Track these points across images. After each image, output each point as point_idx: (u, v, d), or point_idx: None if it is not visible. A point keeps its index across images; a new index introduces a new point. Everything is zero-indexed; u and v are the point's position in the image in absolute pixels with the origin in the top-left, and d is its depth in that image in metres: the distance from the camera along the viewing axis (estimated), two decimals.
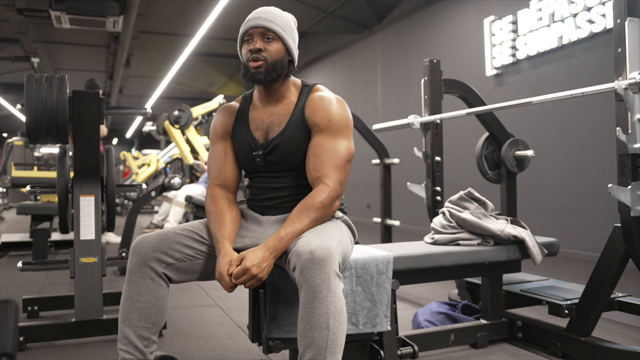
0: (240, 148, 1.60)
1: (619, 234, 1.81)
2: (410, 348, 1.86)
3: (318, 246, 1.29)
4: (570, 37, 4.67)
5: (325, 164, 1.46)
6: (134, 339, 1.39)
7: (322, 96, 1.53)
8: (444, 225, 2.15)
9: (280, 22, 1.51)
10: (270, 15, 1.51)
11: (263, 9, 1.53)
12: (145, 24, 7.89)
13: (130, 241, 3.97)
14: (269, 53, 1.49)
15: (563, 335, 1.99)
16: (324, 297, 1.25)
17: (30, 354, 2.12)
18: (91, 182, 2.24)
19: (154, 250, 1.43)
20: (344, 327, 1.28)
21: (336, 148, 1.47)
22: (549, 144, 4.87)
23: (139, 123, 17.12)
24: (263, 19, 1.49)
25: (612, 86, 1.73)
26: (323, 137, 1.48)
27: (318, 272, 1.26)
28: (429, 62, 2.54)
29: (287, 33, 1.52)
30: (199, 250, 1.49)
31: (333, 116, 1.50)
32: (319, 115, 1.50)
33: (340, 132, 1.50)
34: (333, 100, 1.53)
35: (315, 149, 1.48)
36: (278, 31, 1.50)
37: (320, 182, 1.45)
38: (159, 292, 1.43)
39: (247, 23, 1.52)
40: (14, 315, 0.68)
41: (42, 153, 11.06)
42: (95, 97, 2.24)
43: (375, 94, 8.20)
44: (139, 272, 1.42)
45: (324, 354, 1.24)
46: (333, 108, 1.51)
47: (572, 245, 4.45)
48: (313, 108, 1.52)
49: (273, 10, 1.54)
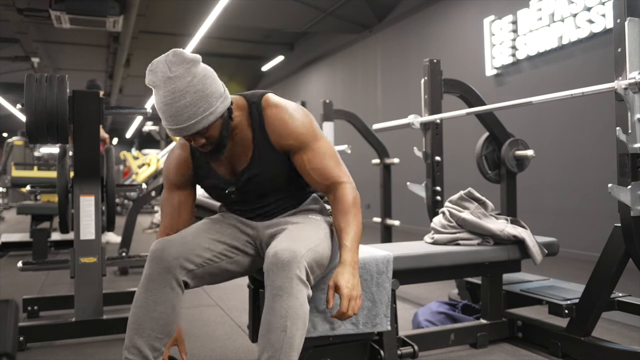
0: (209, 190, 1.54)
1: (619, 234, 1.81)
2: (410, 348, 1.86)
3: (283, 248, 1.27)
4: (570, 37, 4.67)
5: (327, 171, 1.44)
6: (145, 350, 1.34)
7: (278, 114, 1.41)
8: (444, 225, 2.15)
9: (200, 107, 1.27)
10: (187, 115, 1.26)
11: (174, 110, 1.26)
12: (145, 24, 7.89)
13: (131, 241, 3.97)
14: (213, 136, 1.34)
15: (563, 335, 1.99)
16: (284, 301, 1.24)
17: (30, 354, 2.12)
18: (91, 182, 2.24)
19: (177, 257, 1.38)
20: (302, 332, 1.27)
21: (323, 152, 1.44)
22: (549, 144, 4.87)
23: (139, 123, 17.11)
24: (186, 129, 1.28)
25: (612, 86, 1.73)
26: (306, 152, 1.42)
27: (280, 275, 1.25)
28: (429, 62, 2.54)
29: (213, 104, 1.29)
30: (216, 252, 1.46)
31: (300, 130, 1.41)
32: (289, 138, 1.41)
33: (315, 137, 1.43)
34: (290, 114, 1.42)
35: (309, 165, 1.43)
36: (208, 122, 1.29)
37: (337, 184, 1.44)
38: (176, 301, 1.39)
39: (171, 132, 1.31)
40: (14, 315, 0.68)
41: (42, 153, 11.07)
42: (95, 97, 2.24)
43: (375, 94, 8.19)
44: (160, 280, 1.37)
45: (278, 356, 1.23)
46: (296, 122, 1.41)
47: (572, 245, 4.45)
48: (277, 132, 1.41)
49: (184, 102, 1.25)
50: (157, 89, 1.27)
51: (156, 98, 1.29)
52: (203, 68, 1.31)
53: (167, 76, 1.26)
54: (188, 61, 1.28)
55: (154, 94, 1.30)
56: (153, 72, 1.28)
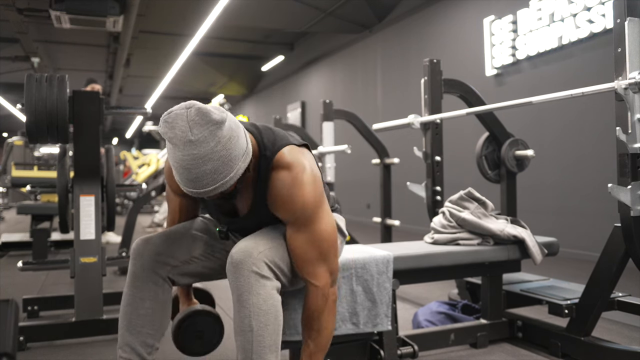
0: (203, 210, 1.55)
1: (619, 234, 1.81)
2: (410, 348, 1.86)
3: (237, 250, 1.27)
4: (570, 37, 4.66)
5: (307, 262, 1.30)
6: (138, 347, 1.35)
7: (285, 182, 1.27)
8: (444, 225, 2.15)
9: (222, 172, 1.14)
10: (207, 181, 1.13)
11: (194, 176, 1.13)
12: (145, 24, 7.89)
13: (131, 241, 3.97)
14: (230, 192, 1.25)
15: (563, 335, 1.99)
16: (246, 300, 1.24)
17: (30, 354, 2.12)
18: (91, 182, 2.24)
19: (158, 254, 1.40)
20: (272, 327, 1.25)
21: (313, 238, 1.29)
22: (549, 144, 4.87)
23: (139, 123, 17.12)
24: (204, 193, 1.16)
25: (612, 86, 1.73)
26: (294, 230, 1.30)
27: (237, 275, 1.25)
28: (429, 62, 2.54)
29: (234, 166, 1.16)
30: (202, 251, 1.47)
31: (297, 207, 1.27)
32: (287, 213, 1.29)
33: (311, 218, 1.28)
34: (299, 183, 1.27)
35: (292, 245, 1.31)
36: (228, 185, 1.17)
37: (309, 283, 1.32)
38: (163, 296, 1.39)
39: (187, 192, 1.18)
40: (14, 315, 0.68)
41: (42, 153, 11.05)
42: (95, 97, 2.24)
43: (375, 94, 8.19)
44: (143, 276, 1.38)
45: (250, 357, 1.23)
46: (296, 196, 1.26)
47: (572, 245, 4.45)
48: (276, 203, 1.29)
49: (205, 168, 1.12)
50: (175, 147, 1.12)
51: (172, 155, 1.14)
52: (228, 129, 1.15)
53: (189, 139, 1.11)
54: (213, 123, 1.12)
55: (170, 148, 1.15)
56: (170, 127, 1.12)
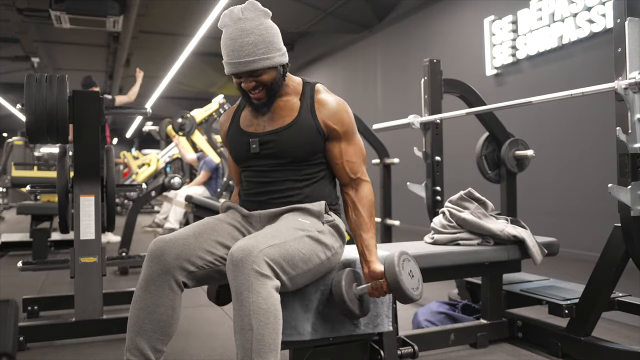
0: (235, 151, 1.60)
1: (619, 234, 1.81)
2: (410, 348, 1.85)
3: (237, 248, 1.28)
4: (570, 37, 4.67)
5: (357, 166, 1.57)
6: (147, 352, 1.34)
7: (330, 100, 1.55)
8: (444, 225, 2.15)
9: (261, 48, 1.41)
10: (248, 51, 1.40)
11: (238, 45, 1.40)
12: (145, 24, 7.89)
13: (131, 241, 3.97)
14: (264, 81, 1.45)
15: (563, 335, 1.99)
16: (245, 299, 1.24)
17: (30, 354, 2.12)
18: (91, 182, 2.24)
19: (177, 258, 1.38)
20: (272, 326, 1.26)
21: (358, 148, 1.58)
22: (549, 144, 4.87)
23: (139, 123, 17.11)
24: (243, 64, 1.41)
25: (612, 86, 1.73)
26: (344, 142, 1.55)
27: (237, 274, 1.26)
28: (429, 62, 2.54)
29: (272, 51, 1.43)
30: (218, 256, 1.45)
31: (346, 121, 1.55)
32: (337, 123, 1.54)
33: (354, 132, 1.58)
34: (341, 104, 1.56)
35: (344, 156, 1.56)
36: (264, 65, 1.42)
37: (362, 181, 1.58)
38: (176, 302, 1.39)
39: (228, 67, 1.44)
40: (14, 315, 0.68)
41: (42, 153, 11.07)
42: (95, 97, 2.24)
43: (375, 94, 8.19)
44: (159, 281, 1.36)
45: (250, 356, 1.23)
46: (344, 113, 1.55)
47: (572, 245, 4.45)
48: (328, 113, 1.53)
49: (248, 39, 1.40)
50: (227, 27, 1.42)
51: (223, 37, 1.42)
52: (272, 23, 1.45)
53: (239, 17, 1.41)
54: (260, 10, 1.43)
55: (223, 34, 1.43)
56: (226, 15, 1.42)
